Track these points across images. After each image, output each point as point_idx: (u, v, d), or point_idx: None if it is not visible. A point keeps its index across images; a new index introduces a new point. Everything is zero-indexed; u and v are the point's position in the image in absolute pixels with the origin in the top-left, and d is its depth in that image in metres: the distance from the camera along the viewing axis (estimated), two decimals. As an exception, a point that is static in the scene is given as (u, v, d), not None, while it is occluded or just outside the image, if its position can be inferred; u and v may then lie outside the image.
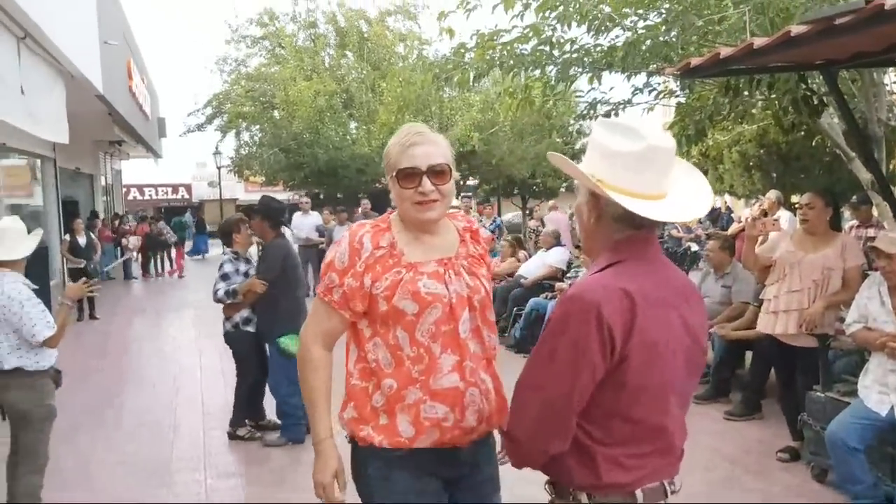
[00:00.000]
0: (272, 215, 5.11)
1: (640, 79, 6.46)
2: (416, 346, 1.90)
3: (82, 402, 6.09)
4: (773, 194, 8.56)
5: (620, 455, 1.62)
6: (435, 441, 1.90)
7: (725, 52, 3.54)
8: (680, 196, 1.69)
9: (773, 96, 4.78)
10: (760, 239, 4.74)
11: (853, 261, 4.36)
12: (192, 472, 4.65)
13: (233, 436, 5.18)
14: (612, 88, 7.51)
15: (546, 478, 1.74)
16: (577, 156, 24.92)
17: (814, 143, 8.97)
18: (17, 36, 6.84)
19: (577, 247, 8.50)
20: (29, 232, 3.89)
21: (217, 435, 5.32)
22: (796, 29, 3.13)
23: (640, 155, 1.60)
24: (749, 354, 5.85)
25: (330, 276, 1.95)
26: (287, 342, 4.84)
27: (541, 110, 6.98)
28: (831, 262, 4.38)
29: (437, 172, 1.90)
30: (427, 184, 1.89)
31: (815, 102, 4.60)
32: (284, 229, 5.30)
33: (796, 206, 5.23)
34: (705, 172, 13.86)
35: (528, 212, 18.62)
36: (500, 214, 19.19)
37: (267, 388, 5.24)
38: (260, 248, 5.50)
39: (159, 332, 10.59)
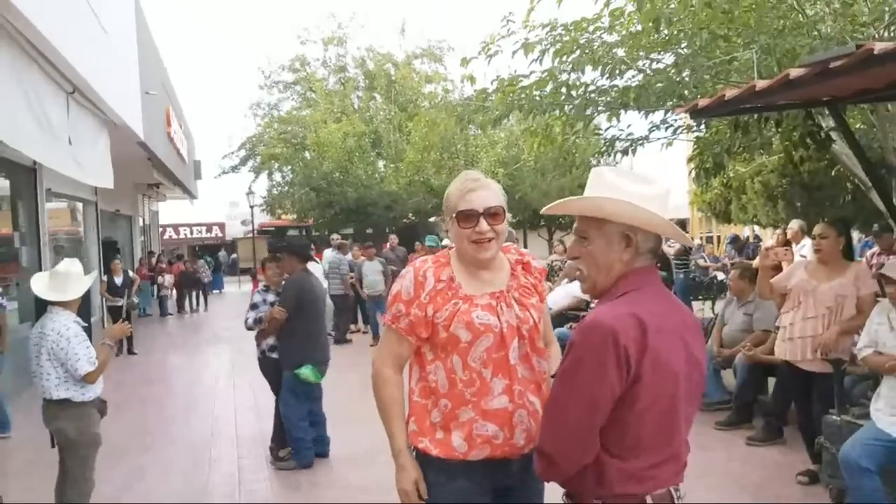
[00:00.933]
0: (298, 251, 5.55)
1: (657, 115, 6.69)
2: (468, 371, 2.11)
3: (124, 431, 6.37)
4: (795, 224, 8.63)
5: (632, 468, 1.77)
6: (487, 455, 2.11)
7: (730, 93, 3.74)
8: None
9: (781, 132, 4.95)
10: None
11: (866, 288, 4.48)
12: (227, 498, 4.86)
13: (274, 453, 5.46)
14: (629, 126, 7.79)
15: (563, 491, 1.90)
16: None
17: (833, 173, 9.05)
18: (66, 91, 7.32)
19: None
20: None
21: (248, 463, 5.55)
22: (795, 72, 3.33)
23: (659, 196, 1.84)
24: (771, 381, 5.93)
25: (397, 306, 2.19)
26: (306, 372, 5.21)
27: (562, 147, 7.21)
28: (845, 289, 4.49)
29: (492, 214, 2.15)
30: (483, 224, 2.13)
31: (823, 137, 4.76)
32: (314, 265, 5.65)
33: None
34: (728, 203, 14.04)
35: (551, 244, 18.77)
36: (525, 247, 19.33)
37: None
38: None
39: (194, 365, 10.90)
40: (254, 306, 5.59)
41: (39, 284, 3.97)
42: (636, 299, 1.79)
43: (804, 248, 8.48)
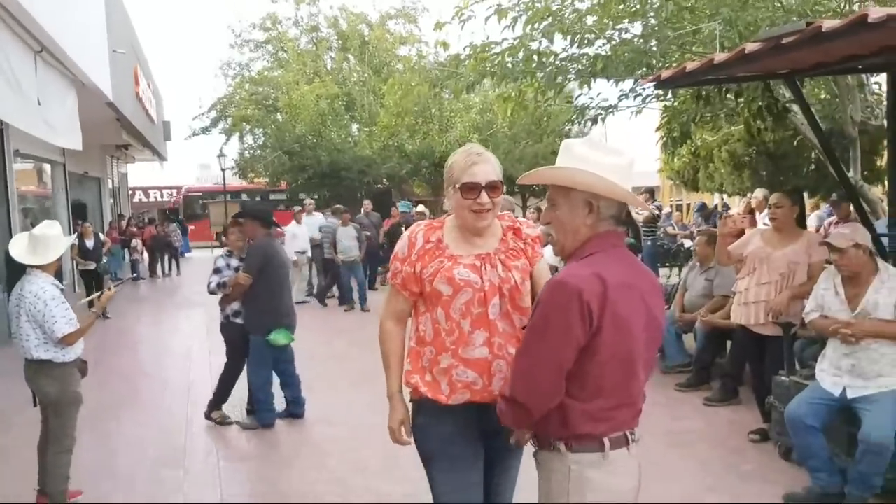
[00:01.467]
0: (260, 216, 5.61)
1: (626, 84, 6.81)
2: (450, 322, 2.33)
3: (102, 393, 6.45)
4: (760, 192, 8.88)
5: (592, 410, 1.97)
6: (467, 399, 2.33)
7: (691, 65, 3.87)
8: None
9: (742, 104, 5.12)
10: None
11: (817, 256, 4.69)
12: (205, 456, 5.01)
13: (208, 416, 5.61)
14: (598, 94, 7.87)
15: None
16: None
17: (796, 143, 9.30)
18: (34, 50, 7.22)
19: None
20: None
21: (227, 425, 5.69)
22: (750, 46, 3.47)
23: (625, 165, 2.00)
24: (729, 345, 6.20)
25: (395, 264, 2.45)
26: (276, 337, 5.34)
27: (534, 114, 7.31)
28: (797, 256, 4.71)
29: (492, 187, 2.34)
30: (484, 196, 2.33)
31: (780, 109, 4.93)
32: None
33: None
34: (696, 171, 14.31)
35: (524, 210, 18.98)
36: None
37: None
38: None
39: (168, 328, 10.96)
40: (217, 271, 5.59)
41: (18, 248, 4.02)
42: (600, 260, 1.97)
43: (768, 217, 8.77)
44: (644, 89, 7.14)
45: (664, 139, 7.18)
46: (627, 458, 2.04)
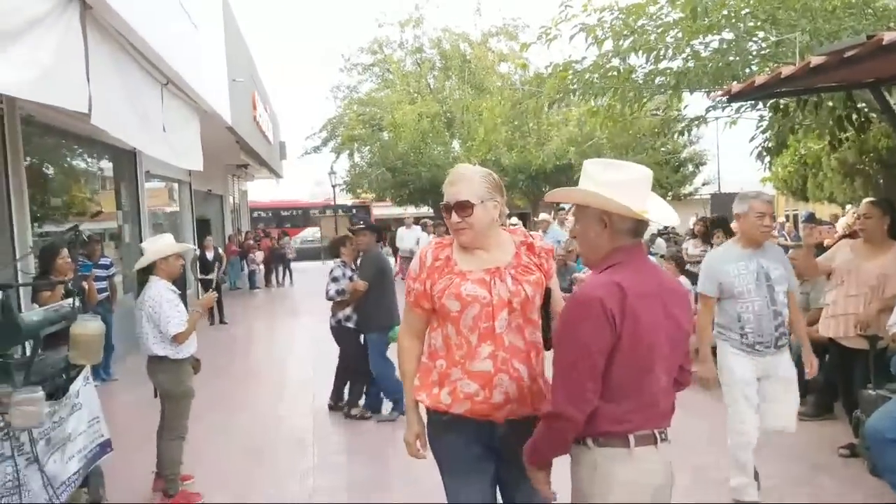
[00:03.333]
0: (376, 229, 6.39)
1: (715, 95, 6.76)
2: (460, 337, 2.41)
3: (213, 390, 7.11)
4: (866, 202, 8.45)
5: (616, 411, 2.11)
6: (467, 410, 2.39)
7: (760, 79, 3.91)
8: (657, 208, 2.25)
9: (827, 114, 5.01)
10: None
11: (911, 268, 4.54)
12: (304, 447, 5.45)
13: (333, 408, 6.30)
14: (686, 106, 7.75)
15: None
16: (683, 164, 24.68)
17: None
18: (160, 83, 8.04)
19: (661, 257, 8.78)
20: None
21: (322, 419, 6.17)
22: (816, 60, 3.49)
23: (633, 181, 2.16)
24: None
25: (408, 282, 2.56)
26: (396, 333, 5.82)
27: (625, 127, 7.37)
28: (887, 268, 4.58)
29: (461, 207, 2.42)
30: (454, 216, 2.43)
31: (862, 118, 4.80)
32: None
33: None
34: (804, 180, 13.61)
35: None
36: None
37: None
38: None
39: (278, 333, 11.72)
40: (335, 279, 6.19)
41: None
42: (619, 271, 2.13)
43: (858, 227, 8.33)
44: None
45: (759, 149, 7.04)
46: (655, 455, 2.15)
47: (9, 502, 3.35)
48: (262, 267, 20.28)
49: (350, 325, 6.14)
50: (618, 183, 2.12)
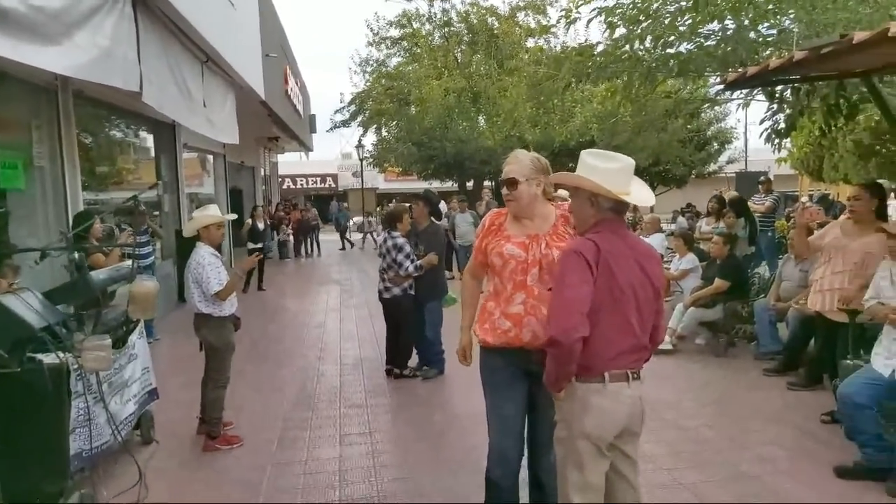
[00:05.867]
0: (432, 203, 6.74)
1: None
2: (502, 285, 3.05)
3: (251, 349, 7.70)
4: (882, 183, 8.68)
5: (591, 349, 2.58)
6: (503, 342, 3.02)
7: (751, 70, 4.26)
8: (637, 191, 2.73)
9: (820, 103, 5.30)
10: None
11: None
12: (330, 403, 6.00)
13: (398, 375, 6.62)
14: (697, 89, 7.94)
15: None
16: (708, 142, 24.65)
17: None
18: (201, 60, 8.55)
19: (670, 234, 9.12)
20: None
21: (349, 379, 6.69)
22: (799, 54, 3.83)
23: (617, 170, 2.67)
24: (819, 333, 6.34)
25: (475, 237, 3.28)
26: (449, 299, 6.56)
27: (641, 107, 7.70)
28: (872, 247, 4.92)
29: (510, 182, 3.05)
30: (505, 189, 3.08)
31: (851, 106, 5.10)
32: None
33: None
34: (820, 160, 13.70)
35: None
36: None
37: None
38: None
39: (309, 300, 12.31)
40: (408, 255, 6.27)
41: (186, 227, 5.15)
42: (596, 235, 2.67)
43: (891, 207, 8.57)
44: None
45: (768, 131, 7.32)
46: (626, 390, 2.66)
47: (80, 432, 3.91)
48: (291, 238, 20.88)
49: (412, 292, 6.43)
50: (605, 171, 2.65)
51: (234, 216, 5.99)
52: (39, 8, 4.00)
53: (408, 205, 6.89)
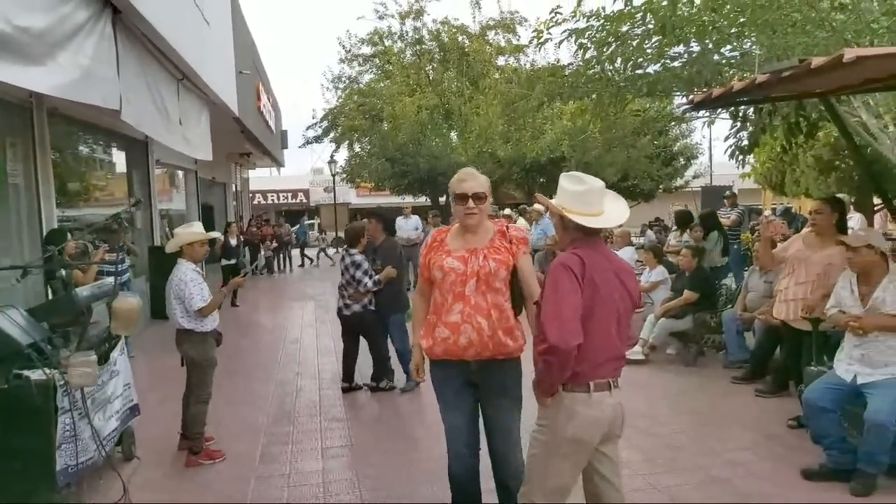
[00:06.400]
0: (385, 220, 6.85)
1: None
2: (442, 297, 3.24)
3: (229, 366, 7.68)
4: (842, 198, 9.02)
5: (580, 365, 2.73)
6: (443, 351, 3.21)
7: (716, 92, 4.47)
8: (612, 212, 2.90)
9: (781, 121, 5.58)
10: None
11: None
12: (311, 417, 6.05)
13: (348, 389, 6.68)
14: (665, 107, 8.26)
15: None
16: (675, 157, 25.23)
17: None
18: (177, 78, 8.59)
19: (640, 248, 9.36)
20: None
21: (327, 394, 6.74)
22: (761, 77, 4.05)
23: (585, 191, 2.84)
24: (784, 342, 6.57)
25: (420, 257, 3.45)
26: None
27: (610, 125, 7.93)
28: (833, 259, 5.15)
29: (477, 197, 3.23)
30: (470, 203, 3.25)
31: (809, 126, 5.38)
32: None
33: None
34: (782, 175, 14.19)
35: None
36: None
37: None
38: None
39: (284, 316, 12.30)
40: (366, 272, 6.41)
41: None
42: (579, 250, 2.82)
43: (851, 220, 8.89)
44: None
45: (732, 148, 7.60)
46: (609, 398, 2.82)
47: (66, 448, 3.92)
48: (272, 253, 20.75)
49: (372, 307, 6.54)
50: (572, 193, 2.84)
51: (218, 234, 6.02)
52: (25, 29, 4.05)
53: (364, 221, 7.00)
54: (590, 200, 2.83)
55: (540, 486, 2.84)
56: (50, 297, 6.59)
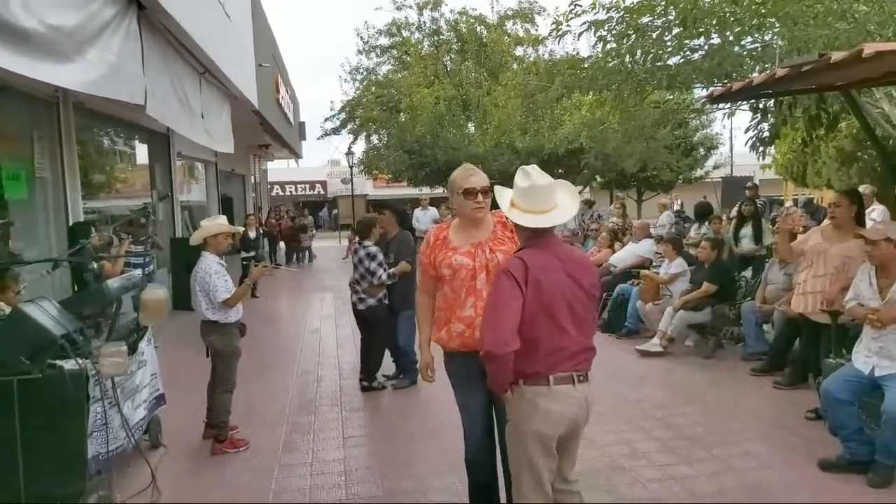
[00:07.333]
0: (400, 213, 6.74)
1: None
2: (454, 293, 3.29)
3: (251, 356, 7.78)
4: (865, 189, 8.94)
5: (539, 358, 2.81)
6: (459, 344, 3.26)
7: (736, 85, 4.48)
8: (561, 209, 2.95)
9: (802, 114, 5.56)
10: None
11: (872, 250, 5.10)
12: (331, 407, 6.15)
13: (367, 388, 6.58)
14: (685, 99, 8.23)
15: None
16: (695, 148, 25.04)
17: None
18: (199, 72, 8.69)
19: (659, 239, 9.34)
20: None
21: (348, 384, 6.84)
22: (781, 71, 4.06)
23: (528, 188, 2.89)
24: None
25: (420, 255, 3.48)
26: None
27: (630, 116, 7.92)
28: (852, 251, 5.15)
29: (484, 191, 3.27)
30: (479, 197, 3.27)
31: (830, 118, 5.35)
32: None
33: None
34: (804, 166, 14.02)
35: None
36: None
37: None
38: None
39: (303, 307, 12.43)
40: (380, 264, 6.26)
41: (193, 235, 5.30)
42: (525, 252, 2.90)
43: (874, 213, 8.82)
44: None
45: (753, 140, 7.57)
46: (572, 392, 2.86)
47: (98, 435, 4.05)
48: (281, 244, 20.93)
49: (386, 302, 6.45)
50: (520, 190, 2.91)
51: (241, 229, 6.11)
52: (57, 28, 4.15)
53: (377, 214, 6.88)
54: (534, 198, 2.86)
55: (525, 484, 2.91)
56: (76, 289, 6.76)
